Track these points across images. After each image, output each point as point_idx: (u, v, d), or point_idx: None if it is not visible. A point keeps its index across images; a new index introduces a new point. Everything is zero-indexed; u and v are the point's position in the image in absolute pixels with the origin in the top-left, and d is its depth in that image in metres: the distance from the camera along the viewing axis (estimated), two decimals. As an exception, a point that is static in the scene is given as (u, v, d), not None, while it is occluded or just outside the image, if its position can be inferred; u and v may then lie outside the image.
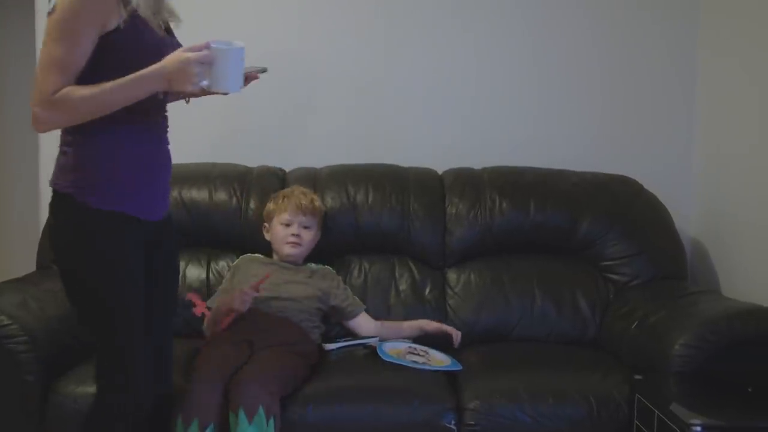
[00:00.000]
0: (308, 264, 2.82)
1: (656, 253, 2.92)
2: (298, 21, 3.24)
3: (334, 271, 2.84)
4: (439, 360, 2.58)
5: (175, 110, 3.20)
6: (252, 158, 3.08)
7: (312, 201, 2.81)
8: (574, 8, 3.24)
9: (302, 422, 2.26)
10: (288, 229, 2.75)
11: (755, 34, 2.86)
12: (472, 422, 2.29)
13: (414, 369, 2.48)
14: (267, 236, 2.83)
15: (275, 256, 2.80)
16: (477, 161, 3.11)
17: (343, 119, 3.26)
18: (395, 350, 2.57)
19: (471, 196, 2.97)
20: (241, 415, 2.15)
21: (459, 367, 2.55)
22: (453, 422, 2.29)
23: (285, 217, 2.76)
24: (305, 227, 2.77)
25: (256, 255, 2.83)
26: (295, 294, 2.66)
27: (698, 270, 3.14)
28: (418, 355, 2.58)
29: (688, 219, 3.21)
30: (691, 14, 3.23)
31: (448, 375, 2.51)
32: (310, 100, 3.25)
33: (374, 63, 3.25)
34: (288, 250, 2.75)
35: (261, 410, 2.16)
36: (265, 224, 2.83)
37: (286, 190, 2.86)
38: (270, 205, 2.82)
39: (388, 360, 2.49)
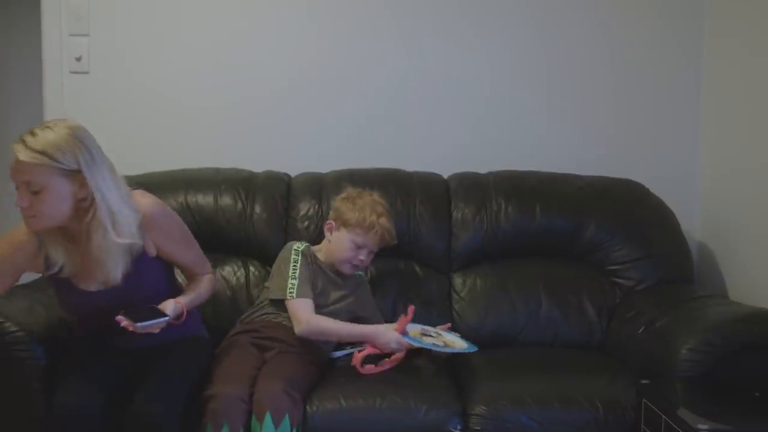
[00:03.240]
0: None
1: (662, 257, 2.91)
2: (304, 25, 3.24)
3: (365, 278, 2.81)
4: (453, 342, 2.57)
5: (179, 113, 3.24)
6: (257, 163, 3.08)
7: (394, 237, 2.69)
8: (581, 13, 3.24)
9: (308, 428, 2.25)
10: (358, 252, 2.63)
11: (760, 39, 2.85)
12: (478, 427, 2.27)
13: (422, 368, 2.49)
14: (328, 235, 2.69)
15: (325, 255, 2.68)
16: (482, 165, 3.11)
17: (348, 124, 3.26)
18: (413, 332, 2.54)
19: (476, 200, 2.97)
20: (267, 420, 2.14)
21: (476, 348, 2.55)
22: (459, 427, 2.28)
23: (362, 240, 2.62)
24: (372, 252, 2.67)
25: (310, 249, 2.67)
26: (344, 311, 2.64)
27: (705, 274, 3.13)
28: (432, 337, 2.56)
29: (695, 222, 3.21)
30: (697, 19, 3.23)
31: (455, 379, 2.51)
32: (314, 104, 3.26)
33: (380, 67, 3.25)
34: (348, 270, 2.66)
35: (287, 418, 2.16)
36: (332, 222, 2.68)
37: (377, 209, 2.65)
38: (352, 215, 2.63)
39: (409, 341, 2.46)
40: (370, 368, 2.47)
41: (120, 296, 2.21)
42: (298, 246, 2.65)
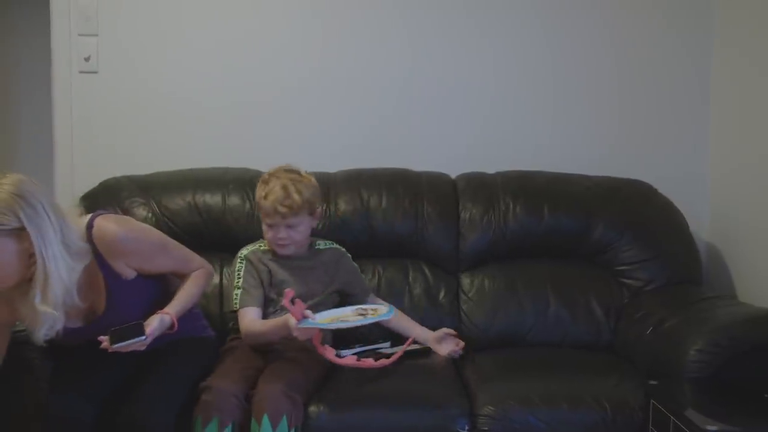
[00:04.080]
0: (316, 244, 2.71)
1: (671, 257, 2.90)
2: (312, 26, 3.24)
3: (342, 249, 2.76)
4: (377, 312, 2.46)
5: (187, 113, 3.25)
6: (265, 163, 3.07)
7: (291, 201, 2.51)
8: (589, 13, 3.24)
9: (314, 427, 2.26)
10: (272, 231, 2.56)
11: (770, 38, 2.85)
12: (486, 428, 2.27)
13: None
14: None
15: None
16: (490, 165, 3.11)
17: (356, 124, 3.26)
18: (329, 318, 2.41)
19: (484, 200, 2.96)
20: (265, 422, 2.15)
21: (388, 317, 2.43)
22: (466, 427, 2.28)
23: (266, 221, 2.56)
24: (290, 226, 2.55)
25: (261, 246, 2.66)
26: (331, 296, 2.63)
27: (713, 274, 3.12)
28: (361, 315, 2.44)
29: (703, 223, 3.20)
30: (705, 18, 3.22)
31: (462, 379, 2.51)
32: (322, 104, 3.26)
33: (387, 68, 3.25)
34: (281, 251, 2.60)
35: (284, 420, 2.16)
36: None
37: (271, 183, 2.55)
38: (258, 194, 2.59)
39: (311, 325, 2.30)
40: (350, 359, 2.42)
41: (107, 325, 2.17)
42: (242, 252, 2.65)
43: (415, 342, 2.64)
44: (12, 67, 4.51)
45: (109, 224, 2.20)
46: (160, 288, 2.36)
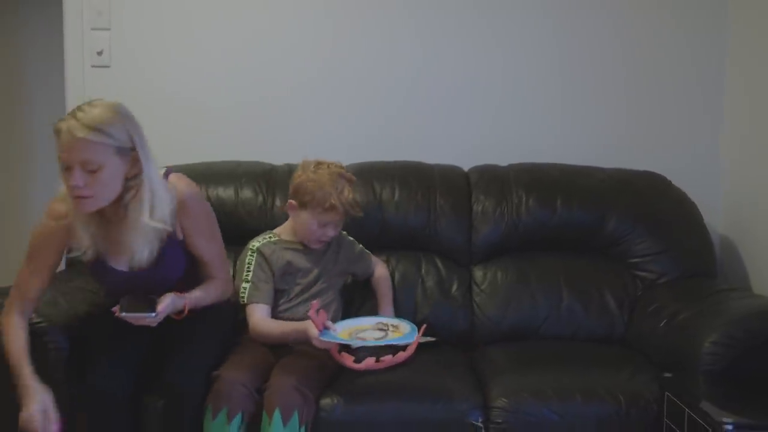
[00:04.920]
0: None
1: (685, 249, 2.89)
2: (324, 22, 3.24)
3: (344, 233, 2.76)
4: (399, 333, 2.48)
5: (199, 107, 3.25)
6: (277, 156, 3.09)
7: (360, 209, 2.62)
8: (600, 7, 3.22)
9: (329, 420, 2.26)
10: (324, 229, 2.57)
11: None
12: (500, 420, 2.27)
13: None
14: (291, 214, 2.61)
15: (292, 234, 2.64)
16: (503, 158, 3.10)
17: (369, 118, 3.26)
18: (348, 330, 2.45)
19: (497, 193, 2.96)
20: (276, 416, 2.15)
21: (411, 340, 2.44)
22: (480, 420, 2.28)
23: (325, 220, 2.55)
24: (338, 225, 2.62)
25: (272, 237, 2.65)
26: (328, 290, 2.63)
27: (728, 266, 3.11)
28: (382, 330, 2.48)
29: (717, 215, 3.19)
30: (720, 10, 3.21)
31: (476, 372, 2.51)
32: (335, 97, 3.26)
33: (397, 65, 3.25)
34: (316, 245, 2.63)
35: (296, 415, 2.16)
36: (293, 202, 2.58)
37: (337, 184, 2.53)
38: (311, 196, 2.52)
39: (331, 339, 2.34)
40: (369, 362, 2.42)
41: (147, 278, 2.19)
42: (254, 244, 2.62)
43: (426, 334, 2.63)
44: (23, 67, 4.53)
45: (181, 182, 2.24)
46: (195, 266, 2.34)
